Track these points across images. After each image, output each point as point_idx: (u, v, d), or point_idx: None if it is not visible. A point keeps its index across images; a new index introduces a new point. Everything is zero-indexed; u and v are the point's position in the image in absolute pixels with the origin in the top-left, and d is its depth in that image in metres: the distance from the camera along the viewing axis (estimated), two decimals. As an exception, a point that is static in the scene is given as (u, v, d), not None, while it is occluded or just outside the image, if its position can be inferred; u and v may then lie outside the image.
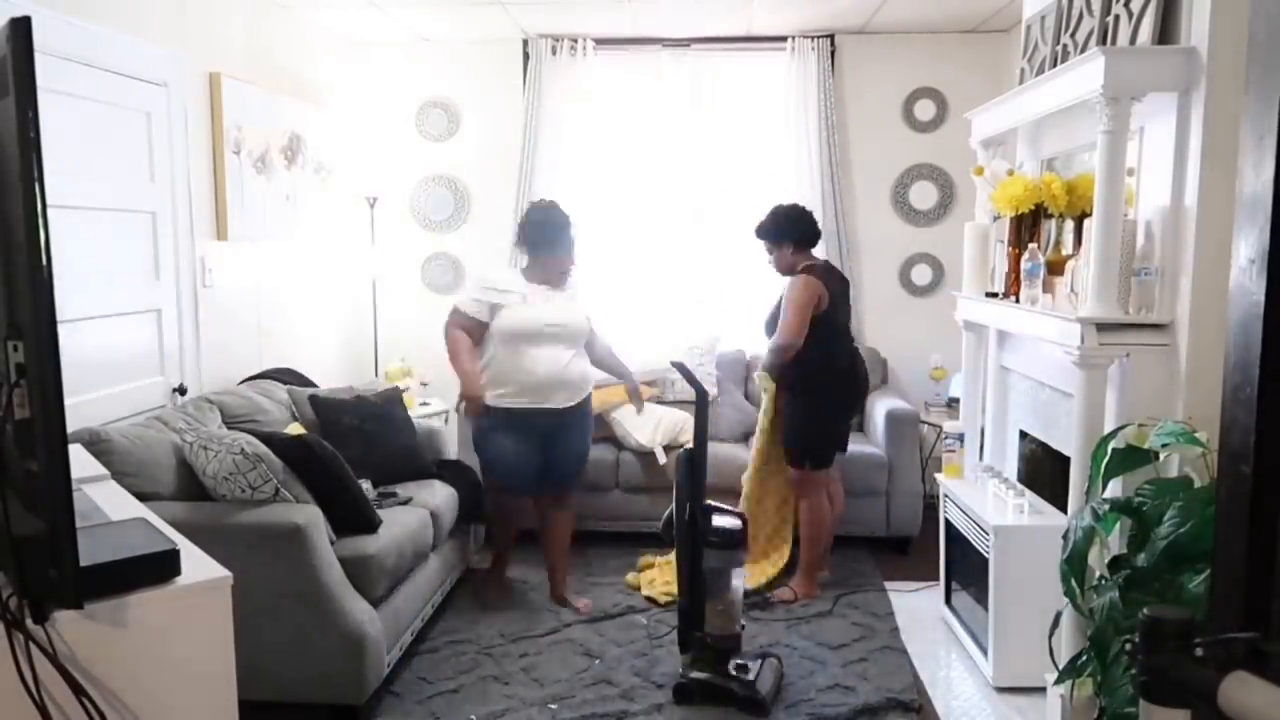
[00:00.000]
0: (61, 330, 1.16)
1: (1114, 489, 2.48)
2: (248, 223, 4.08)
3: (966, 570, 3.36)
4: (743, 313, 5.26)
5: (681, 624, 3.09)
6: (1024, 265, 3.04)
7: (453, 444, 4.41)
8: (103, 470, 2.10)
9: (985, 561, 3.07)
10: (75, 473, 1.26)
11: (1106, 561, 2.37)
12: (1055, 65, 3.15)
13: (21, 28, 1.10)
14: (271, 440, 2.98)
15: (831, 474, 3.93)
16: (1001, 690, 3.04)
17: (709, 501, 3.10)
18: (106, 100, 3.22)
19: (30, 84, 1.11)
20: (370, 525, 3.07)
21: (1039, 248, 3.09)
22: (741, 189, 5.21)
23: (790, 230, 3.79)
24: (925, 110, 5.15)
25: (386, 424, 3.81)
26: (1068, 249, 3.09)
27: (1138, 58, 2.55)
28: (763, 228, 3.84)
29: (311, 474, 2.98)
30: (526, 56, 5.18)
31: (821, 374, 3.71)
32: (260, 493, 2.81)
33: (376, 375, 5.19)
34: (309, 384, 4.08)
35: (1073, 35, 3.10)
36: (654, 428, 4.44)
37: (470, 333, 3.55)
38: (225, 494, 2.83)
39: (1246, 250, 1.08)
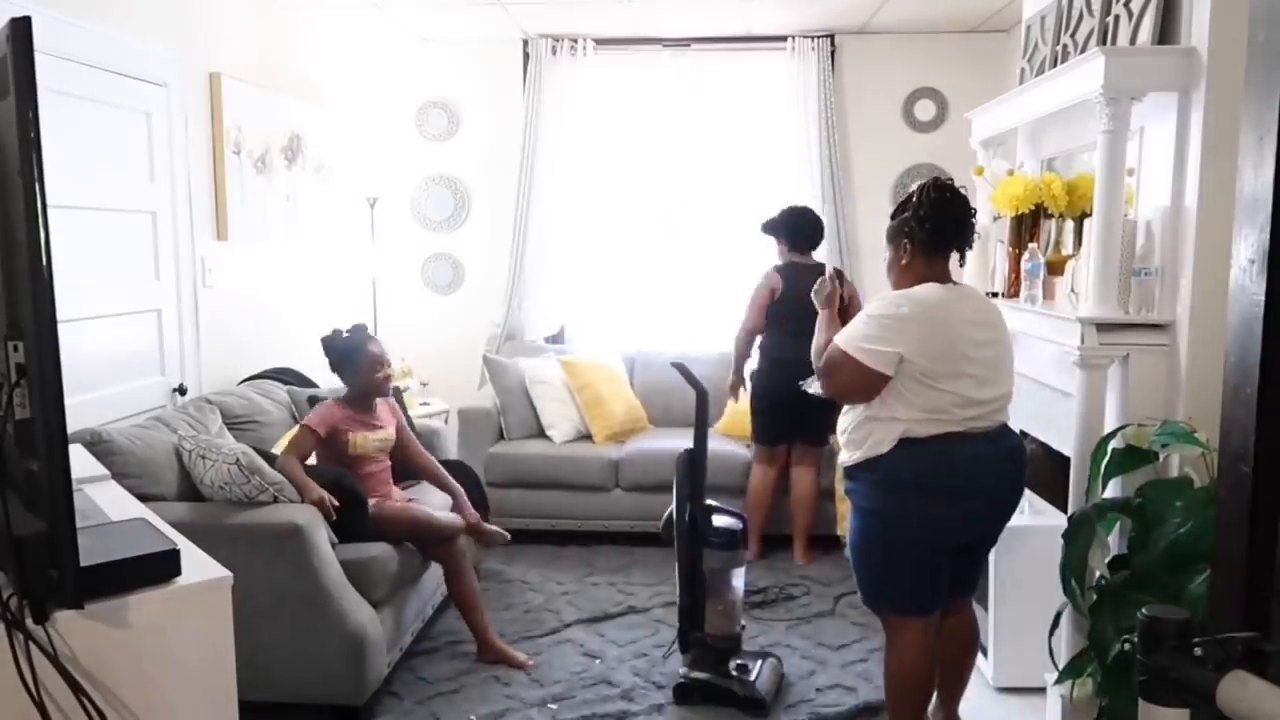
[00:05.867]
0: (61, 330, 1.15)
1: (1114, 489, 2.48)
2: (248, 223, 4.07)
3: (966, 570, 3.35)
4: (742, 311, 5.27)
5: (681, 624, 3.09)
6: (1024, 265, 3.04)
7: (453, 444, 4.41)
8: (103, 470, 2.10)
9: (985, 561, 3.06)
10: (76, 473, 1.26)
11: (1107, 561, 2.37)
12: (1055, 65, 3.15)
13: (21, 28, 1.10)
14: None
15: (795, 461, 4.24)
16: (1001, 690, 3.04)
17: (709, 501, 3.10)
18: (106, 100, 3.22)
19: (30, 84, 1.11)
20: (374, 537, 3.07)
21: (1039, 248, 3.09)
22: (741, 189, 5.21)
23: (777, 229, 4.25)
24: (925, 110, 5.15)
25: (386, 424, 3.79)
26: (1068, 249, 3.09)
27: (1138, 58, 2.55)
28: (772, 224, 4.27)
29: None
30: (526, 56, 5.18)
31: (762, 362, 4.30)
32: (257, 503, 2.81)
33: (377, 375, 5.18)
34: (309, 384, 4.08)
35: (1073, 35, 3.10)
36: None
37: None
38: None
39: (1246, 250, 1.08)
